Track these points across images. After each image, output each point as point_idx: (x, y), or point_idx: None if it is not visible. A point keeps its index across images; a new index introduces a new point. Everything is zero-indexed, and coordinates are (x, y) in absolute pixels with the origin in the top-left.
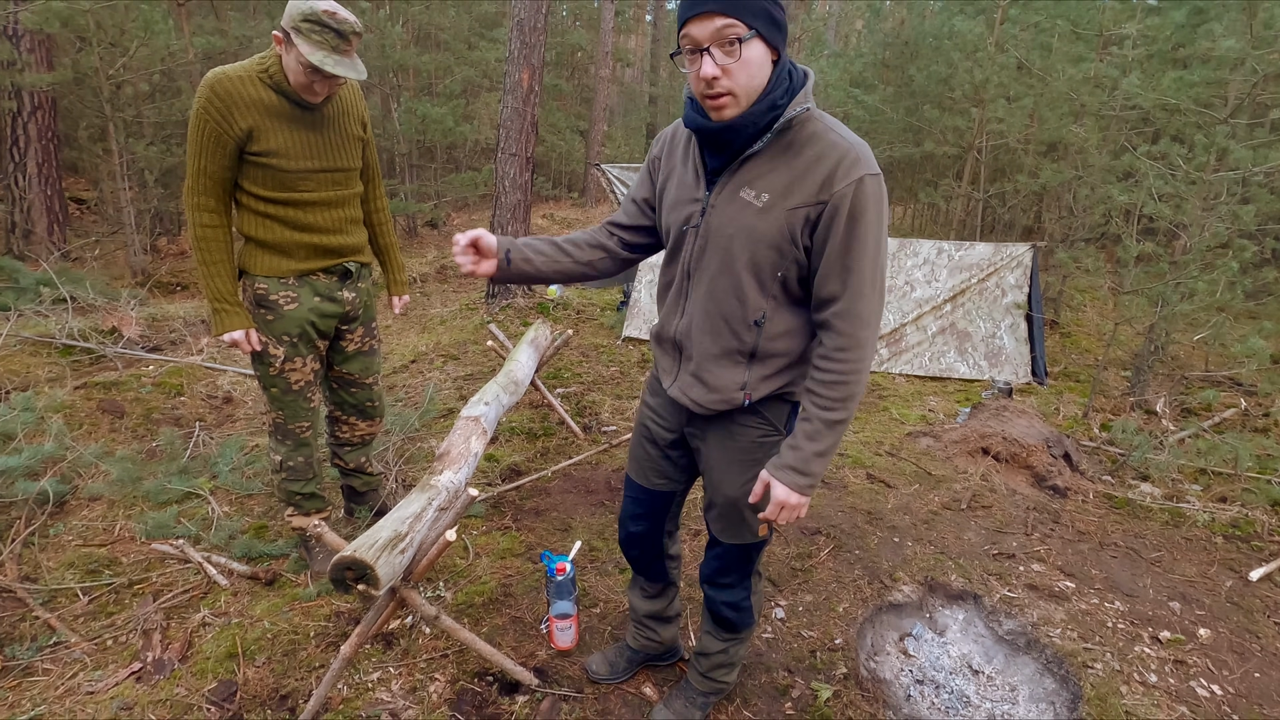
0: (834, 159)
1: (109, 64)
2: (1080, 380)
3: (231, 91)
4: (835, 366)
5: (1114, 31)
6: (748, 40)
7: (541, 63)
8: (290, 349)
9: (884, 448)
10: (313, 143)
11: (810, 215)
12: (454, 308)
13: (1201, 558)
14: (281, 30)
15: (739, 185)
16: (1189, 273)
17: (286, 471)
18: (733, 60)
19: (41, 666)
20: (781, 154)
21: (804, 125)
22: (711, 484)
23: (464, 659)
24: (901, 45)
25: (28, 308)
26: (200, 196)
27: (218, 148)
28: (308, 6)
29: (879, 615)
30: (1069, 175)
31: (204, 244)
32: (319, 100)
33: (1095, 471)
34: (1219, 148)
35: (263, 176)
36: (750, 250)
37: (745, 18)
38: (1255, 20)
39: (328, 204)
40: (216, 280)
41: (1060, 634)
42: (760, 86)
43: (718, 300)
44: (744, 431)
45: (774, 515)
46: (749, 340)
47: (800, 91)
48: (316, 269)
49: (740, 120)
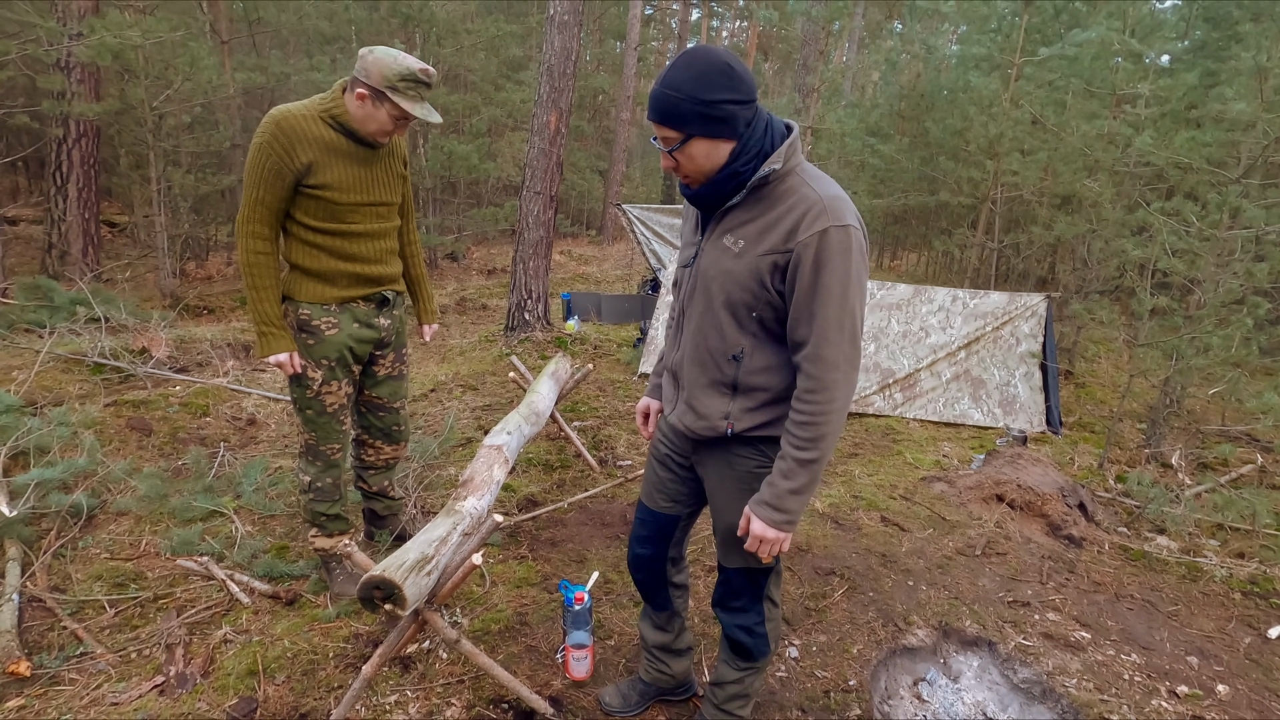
0: (801, 211)
1: (154, 96)
2: (1095, 431)
3: (296, 128)
4: (805, 408)
5: (1127, 91)
6: (685, 143)
7: (569, 107)
8: (328, 373)
9: (898, 491)
10: (363, 178)
11: (779, 262)
12: (473, 339)
13: (1219, 613)
14: (367, 89)
15: (722, 233)
16: (1204, 328)
17: (314, 492)
18: (682, 156)
19: (68, 676)
20: (756, 205)
21: (782, 180)
22: (715, 510)
23: (480, 685)
24: (917, 97)
25: (62, 325)
26: (254, 225)
27: (277, 180)
28: (403, 67)
29: (893, 658)
30: (1083, 228)
31: (255, 270)
32: (383, 142)
33: (1111, 523)
34: (1232, 206)
35: (315, 208)
36: (726, 291)
37: (679, 127)
38: (1266, 85)
39: (371, 235)
40: (264, 304)
41: (1076, 684)
42: (713, 168)
43: (704, 335)
44: (741, 462)
45: (753, 548)
46: (729, 373)
47: (776, 151)
48: (357, 296)
49: (704, 190)
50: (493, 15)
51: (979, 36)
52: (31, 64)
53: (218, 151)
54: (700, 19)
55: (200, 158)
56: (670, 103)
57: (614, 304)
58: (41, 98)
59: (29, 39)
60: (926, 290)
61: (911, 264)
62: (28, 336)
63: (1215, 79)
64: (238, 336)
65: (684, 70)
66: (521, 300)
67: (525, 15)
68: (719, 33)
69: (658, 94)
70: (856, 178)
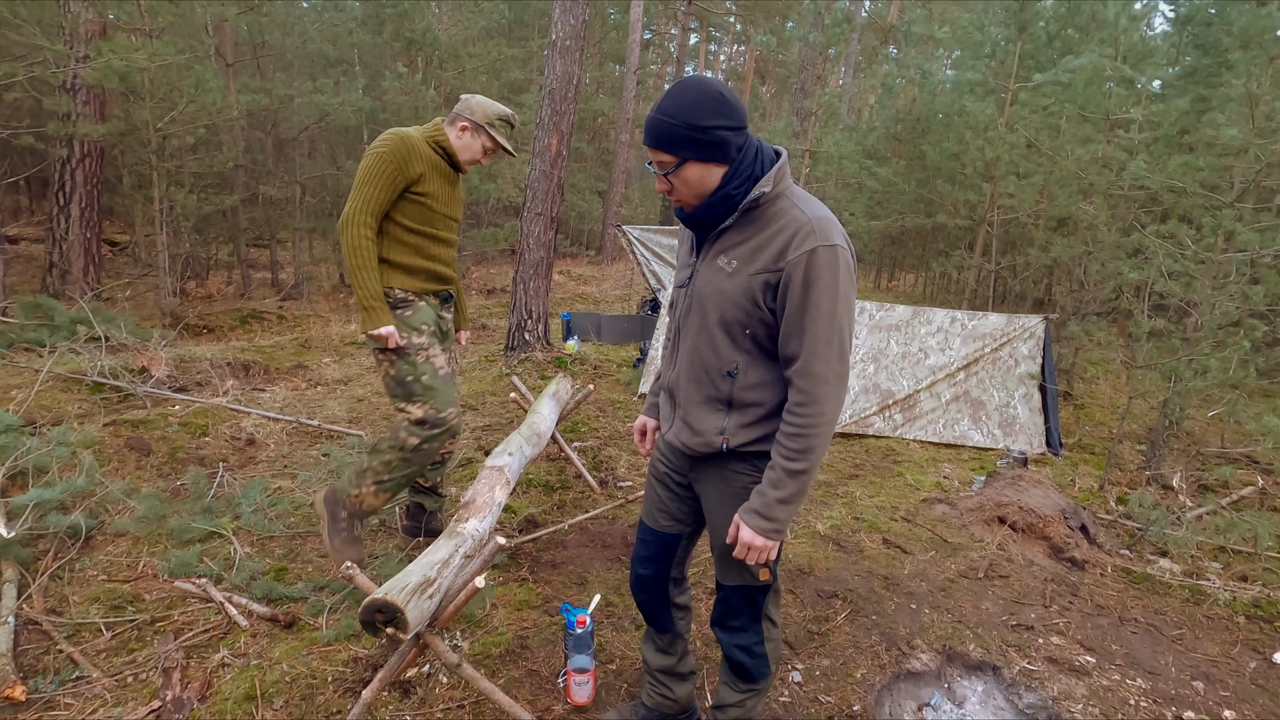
0: (791, 232)
1: (158, 117)
2: (1095, 452)
3: (414, 146)
4: (795, 420)
5: (1120, 116)
6: (679, 167)
7: (571, 129)
8: (430, 337)
9: (899, 513)
10: (449, 195)
11: (770, 281)
12: (473, 359)
13: (1224, 637)
14: (470, 122)
15: (716, 254)
16: (1201, 350)
17: (413, 453)
18: (676, 180)
19: (63, 701)
20: (748, 227)
21: (772, 202)
22: (712, 527)
23: (481, 711)
24: (913, 121)
25: (62, 344)
26: (365, 216)
27: (390, 184)
28: (499, 110)
29: (896, 683)
30: (1079, 250)
31: (363, 253)
32: (468, 170)
33: (1113, 545)
34: (1226, 230)
35: (415, 211)
36: (721, 309)
37: (674, 151)
38: (1256, 111)
39: (446, 243)
40: (371, 283)
41: (1082, 710)
42: (706, 191)
43: (699, 352)
44: (736, 478)
45: (741, 555)
46: (724, 389)
47: (766, 175)
48: (430, 290)
49: (697, 213)
50: (494, 40)
51: (974, 62)
52: (38, 86)
53: (220, 172)
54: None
55: (203, 178)
56: (665, 128)
57: (614, 324)
58: (47, 119)
59: (36, 61)
60: (925, 312)
61: (909, 285)
62: (27, 355)
63: (1206, 104)
64: (237, 356)
65: (678, 98)
66: (522, 320)
67: (526, 40)
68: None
69: (653, 120)
70: (854, 199)
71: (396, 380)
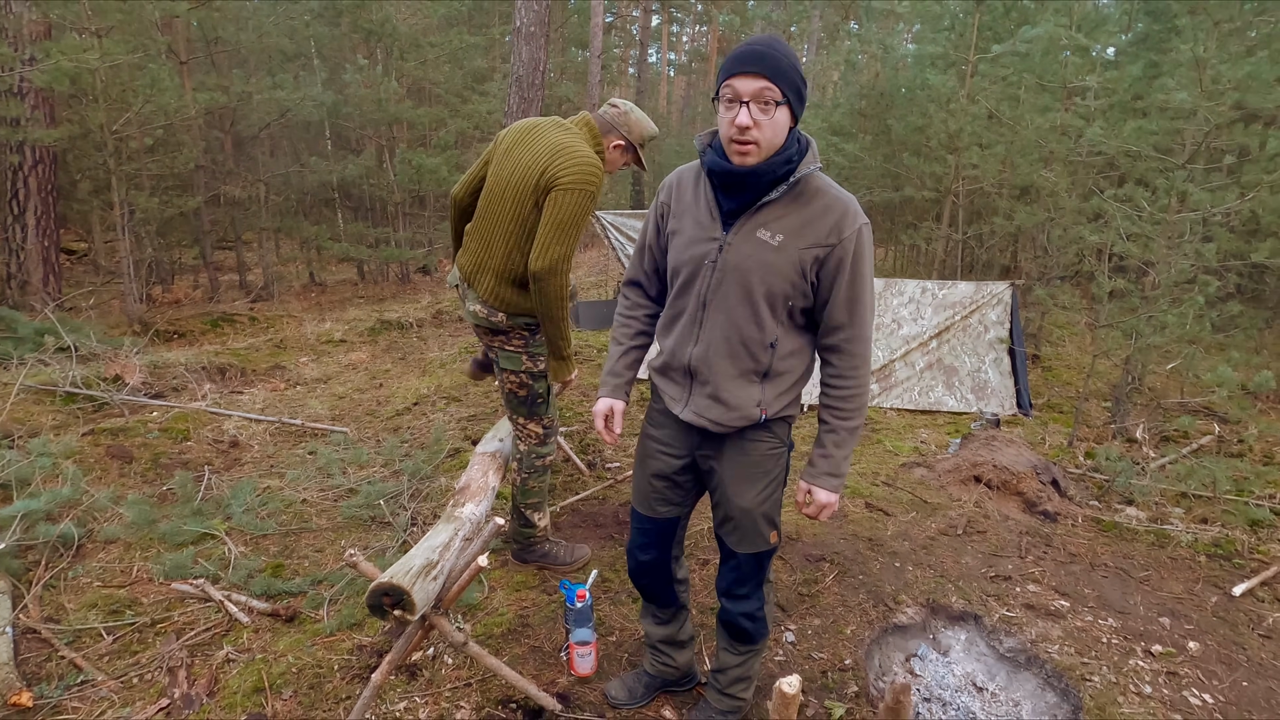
0: (840, 210)
1: (113, 119)
2: (1063, 411)
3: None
4: (848, 384)
5: (1076, 84)
6: (780, 105)
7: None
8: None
9: (880, 478)
10: None
11: (820, 255)
12: (452, 351)
13: (1187, 576)
14: (625, 141)
15: (756, 226)
16: (1159, 307)
17: (549, 471)
18: (766, 117)
19: (70, 705)
20: (793, 203)
21: (810, 181)
22: (725, 498)
23: (487, 687)
24: (877, 96)
25: (30, 356)
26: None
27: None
28: (654, 131)
29: (885, 637)
30: (1042, 217)
31: (565, 304)
32: None
33: (1082, 497)
34: (1179, 191)
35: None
36: (767, 283)
37: (782, 86)
38: (1204, 75)
39: None
40: (570, 333)
41: (1058, 650)
42: (779, 143)
43: (738, 326)
44: (756, 446)
45: (814, 514)
46: (764, 361)
47: (809, 153)
48: None
49: (760, 167)
50: (455, 28)
51: (933, 35)
52: None
53: (180, 174)
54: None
55: (163, 180)
56: (784, 63)
57: (591, 310)
58: None
59: None
60: (896, 283)
61: (880, 258)
62: None
63: (1158, 70)
64: (212, 360)
65: (783, 43)
66: None
67: (488, 27)
68: (679, 37)
69: (768, 53)
70: None
71: (526, 400)
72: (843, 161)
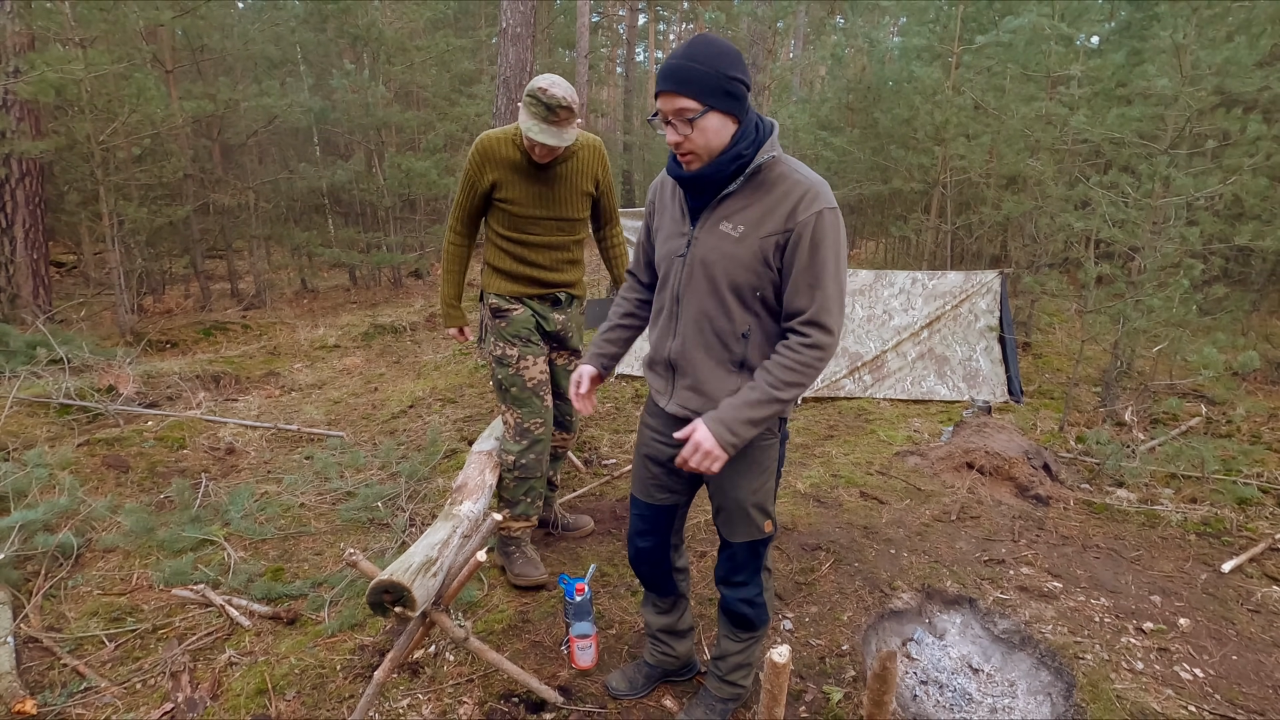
0: (797, 195)
1: (100, 130)
2: (1054, 397)
3: (488, 150)
4: (794, 355)
5: (1060, 73)
6: (702, 115)
7: None
8: (523, 347)
9: (874, 467)
10: (543, 195)
11: (779, 241)
12: (446, 353)
13: (1177, 554)
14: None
15: (718, 220)
16: (1145, 291)
17: (519, 469)
18: (691, 130)
19: (74, 712)
20: (753, 192)
21: (771, 168)
22: (719, 489)
23: (489, 682)
24: (864, 90)
25: (23, 369)
26: (454, 222)
27: (471, 190)
28: (532, 83)
29: (881, 622)
30: (1029, 206)
31: (447, 257)
32: (544, 162)
33: (1074, 480)
34: (1163, 176)
35: (501, 218)
36: (731, 274)
37: (699, 98)
38: (1184, 62)
39: (549, 246)
40: (448, 287)
41: (1052, 630)
42: (720, 146)
43: (710, 318)
44: None
45: (685, 456)
46: (738, 351)
47: (767, 141)
48: (532, 294)
49: (706, 170)
50: (441, 31)
51: (918, 28)
52: None
53: (168, 183)
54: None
55: (152, 190)
56: (696, 74)
57: (591, 308)
58: None
59: None
60: (887, 274)
61: (870, 251)
62: None
63: (1140, 57)
64: (206, 368)
65: (705, 46)
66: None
67: (474, 30)
68: (666, 35)
69: (680, 66)
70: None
71: (498, 385)
72: (831, 155)
